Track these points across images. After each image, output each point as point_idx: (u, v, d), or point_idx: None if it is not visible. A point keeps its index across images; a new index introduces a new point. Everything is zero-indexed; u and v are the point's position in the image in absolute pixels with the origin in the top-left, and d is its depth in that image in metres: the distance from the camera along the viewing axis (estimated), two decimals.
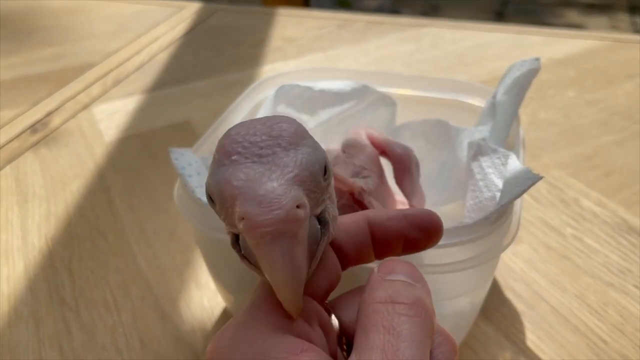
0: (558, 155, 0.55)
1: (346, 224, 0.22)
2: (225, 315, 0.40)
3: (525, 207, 0.48)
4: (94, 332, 0.39)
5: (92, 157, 0.59)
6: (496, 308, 0.40)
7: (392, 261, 0.21)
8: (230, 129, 0.19)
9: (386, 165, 0.37)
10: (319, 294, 0.21)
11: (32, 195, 0.53)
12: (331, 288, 0.22)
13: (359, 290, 0.23)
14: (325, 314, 0.21)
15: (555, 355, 0.36)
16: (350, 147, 0.34)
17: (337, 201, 0.29)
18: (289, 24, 0.92)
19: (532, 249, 0.44)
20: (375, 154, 0.35)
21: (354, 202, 0.32)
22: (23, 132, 0.64)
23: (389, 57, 0.77)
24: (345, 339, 0.22)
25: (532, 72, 0.38)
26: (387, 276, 0.20)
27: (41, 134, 0.63)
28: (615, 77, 0.68)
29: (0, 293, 0.43)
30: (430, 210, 0.23)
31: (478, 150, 0.33)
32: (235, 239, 0.19)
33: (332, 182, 0.21)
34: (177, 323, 0.40)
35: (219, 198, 0.18)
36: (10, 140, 0.62)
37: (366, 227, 0.23)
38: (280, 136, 0.18)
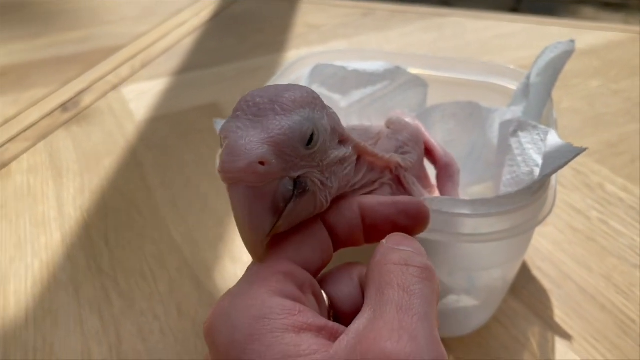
0: (583, 143, 0.55)
1: (340, 205, 0.24)
2: None
3: None
4: (132, 299, 0.41)
5: (124, 135, 0.60)
6: (524, 286, 0.41)
7: (399, 235, 0.23)
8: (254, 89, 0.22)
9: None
10: (311, 269, 0.22)
11: (66, 170, 0.55)
12: (323, 265, 0.23)
13: (346, 266, 0.24)
14: (318, 285, 0.22)
15: (584, 331, 0.37)
16: (394, 124, 0.35)
17: (378, 179, 0.30)
18: (312, 11, 0.92)
19: (558, 230, 0.45)
20: (417, 133, 0.36)
21: (394, 179, 0.32)
22: (54, 110, 0.65)
23: (412, 45, 0.78)
24: (333, 312, 0.23)
25: (566, 54, 0.39)
26: (396, 246, 0.22)
27: (72, 113, 0.65)
28: (638, 69, 0.69)
29: (40, 260, 0.44)
30: (419, 200, 0.24)
31: (518, 127, 0.34)
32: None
33: (335, 154, 0.23)
34: (212, 292, 0.41)
35: (221, 142, 0.21)
36: (43, 117, 0.64)
37: (358, 211, 0.24)
38: (278, 102, 0.21)
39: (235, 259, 0.44)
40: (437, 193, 0.36)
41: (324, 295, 0.23)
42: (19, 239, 0.47)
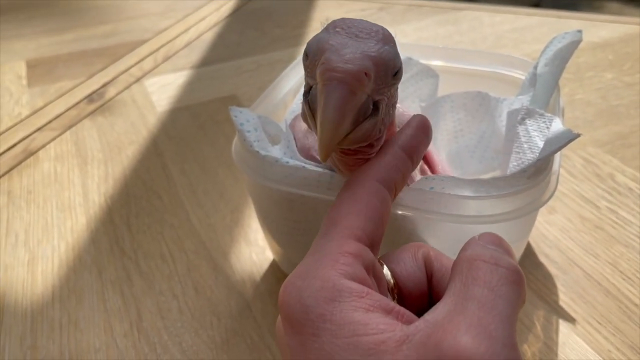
0: (595, 134, 0.56)
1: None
2: (272, 267, 0.43)
3: (561, 180, 0.50)
4: (152, 280, 0.43)
5: (146, 125, 0.62)
6: (530, 272, 0.41)
7: (492, 234, 0.23)
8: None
9: None
10: (375, 244, 0.23)
11: (91, 158, 0.57)
12: (382, 236, 0.24)
13: (411, 246, 0.25)
14: (378, 265, 0.23)
15: (587, 315, 0.38)
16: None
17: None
18: (330, 6, 0.94)
19: (566, 219, 0.46)
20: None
21: None
22: (81, 101, 0.68)
23: (428, 39, 0.79)
24: (397, 290, 0.24)
25: (573, 44, 0.39)
26: (488, 244, 0.22)
27: (97, 104, 0.67)
28: None
29: (65, 242, 0.47)
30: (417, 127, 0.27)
31: (526, 114, 0.35)
32: (308, 91, 0.24)
33: (395, 96, 0.26)
34: (228, 274, 0.43)
35: (314, 50, 0.23)
36: (69, 108, 0.66)
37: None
38: (377, 32, 0.24)
39: (250, 242, 0.45)
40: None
41: (389, 274, 0.24)
42: (46, 223, 0.49)
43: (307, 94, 0.24)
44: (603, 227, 0.45)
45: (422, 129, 0.27)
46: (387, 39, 0.24)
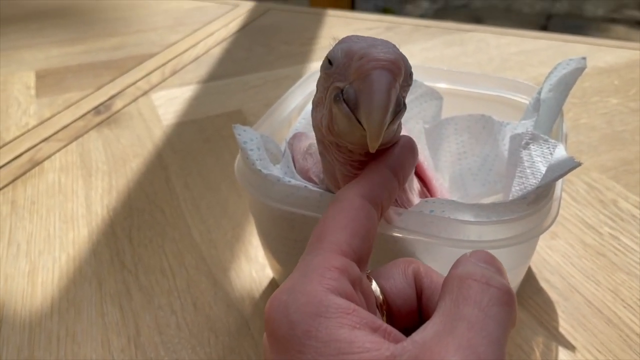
0: (599, 159, 0.56)
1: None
2: (272, 285, 0.43)
3: (564, 205, 0.50)
4: (151, 294, 0.43)
5: (151, 138, 0.63)
6: (530, 297, 0.41)
7: (484, 252, 0.23)
8: None
9: None
10: (362, 260, 0.23)
11: (96, 170, 0.58)
12: (369, 253, 0.24)
13: (401, 262, 0.25)
14: (366, 281, 0.23)
15: (588, 343, 0.38)
16: None
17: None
18: (337, 24, 0.95)
19: (568, 244, 0.46)
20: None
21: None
22: (88, 112, 0.69)
23: (434, 59, 0.79)
24: (386, 306, 0.23)
25: (578, 71, 0.39)
26: (480, 262, 0.22)
27: (104, 116, 0.68)
28: None
29: (67, 254, 0.47)
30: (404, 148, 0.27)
31: (531, 139, 0.35)
32: (339, 93, 0.25)
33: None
34: (227, 290, 0.43)
35: (342, 54, 0.25)
36: (76, 120, 0.67)
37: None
38: (388, 42, 0.25)
39: (251, 259, 0.45)
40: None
41: (378, 290, 0.23)
42: (48, 234, 0.49)
43: (337, 97, 0.25)
44: (605, 254, 0.45)
45: (408, 149, 0.27)
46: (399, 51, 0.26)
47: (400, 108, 0.25)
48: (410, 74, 0.26)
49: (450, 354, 0.17)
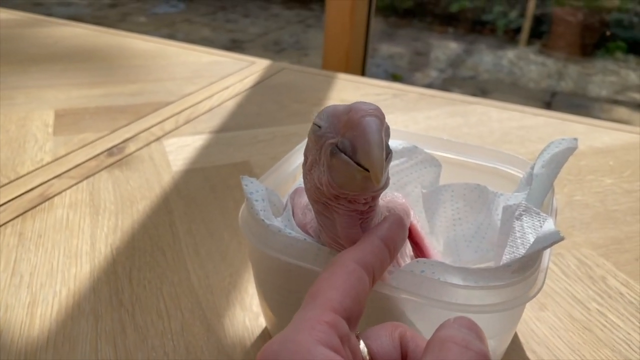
0: (590, 236, 0.58)
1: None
2: (264, 335, 0.44)
3: (554, 278, 0.51)
4: (145, 335, 0.44)
5: (159, 182, 0.65)
6: None
7: (467, 319, 0.25)
8: None
9: None
10: (352, 319, 0.25)
11: (103, 209, 0.59)
12: (360, 315, 0.25)
13: (389, 325, 0.26)
14: (354, 338, 0.24)
15: None
16: (390, 200, 0.38)
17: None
18: (347, 87, 0.99)
19: (556, 317, 0.47)
20: (407, 211, 0.40)
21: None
22: (101, 153, 0.71)
23: (437, 128, 0.82)
24: None
25: (569, 150, 0.42)
26: (462, 328, 0.24)
27: (116, 157, 0.70)
28: None
29: (67, 289, 0.48)
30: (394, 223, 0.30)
31: (524, 211, 0.37)
32: (336, 146, 0.28)
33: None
34: (220, 336, 0.44)
35: (330, 116, 0.28)
36: (89, 159, 0.70)
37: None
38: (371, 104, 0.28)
39: (245, 307, 0.47)
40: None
41: (365, 350, 0.25)
42: (51, 268, 0.51)
43: (334, 150, 0.28)
44: (592, 329, 0.46)
45: (398, 224, 0.30)
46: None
47: (389, 150, 0.28)
48: (388, 127, 0.29)
49: None
